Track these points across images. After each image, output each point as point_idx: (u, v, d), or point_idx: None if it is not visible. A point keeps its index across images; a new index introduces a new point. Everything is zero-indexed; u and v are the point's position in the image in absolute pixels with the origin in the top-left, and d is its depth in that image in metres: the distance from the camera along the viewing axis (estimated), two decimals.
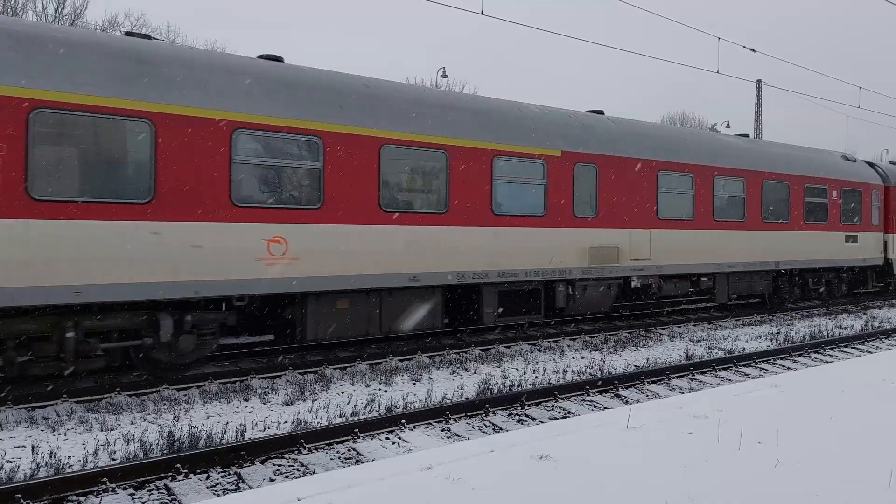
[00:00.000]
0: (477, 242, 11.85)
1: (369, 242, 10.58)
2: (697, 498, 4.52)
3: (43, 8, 38.56)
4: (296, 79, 10.40)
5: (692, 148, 16.06)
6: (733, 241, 16.48)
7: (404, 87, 13.37)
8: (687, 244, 15.43)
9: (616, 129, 14.61)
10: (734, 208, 16.63)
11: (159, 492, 6.11)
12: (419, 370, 10.86)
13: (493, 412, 8.69)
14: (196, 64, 9.50)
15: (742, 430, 5.89)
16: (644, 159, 14.58)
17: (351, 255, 10.37)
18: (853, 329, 16.50)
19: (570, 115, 14.20)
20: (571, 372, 11.11)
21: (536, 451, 5.44)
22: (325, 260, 10.13)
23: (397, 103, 11.31)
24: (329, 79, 10.88)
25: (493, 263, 12.08)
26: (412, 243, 11.09)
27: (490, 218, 12.05)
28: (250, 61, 10.35)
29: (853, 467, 5.14)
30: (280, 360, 11.09)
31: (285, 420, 8.20)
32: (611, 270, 13.91)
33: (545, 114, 13.55)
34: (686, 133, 19.91)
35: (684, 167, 15.42)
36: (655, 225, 14.79)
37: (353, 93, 10.84)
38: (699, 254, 15.67)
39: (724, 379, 11.10)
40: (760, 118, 41.67)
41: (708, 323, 16.80)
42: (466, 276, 11.73)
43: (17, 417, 7.92)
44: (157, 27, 41.69)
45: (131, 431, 7.55)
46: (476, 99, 14.13)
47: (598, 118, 14.78)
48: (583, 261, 13.43)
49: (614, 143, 14.21)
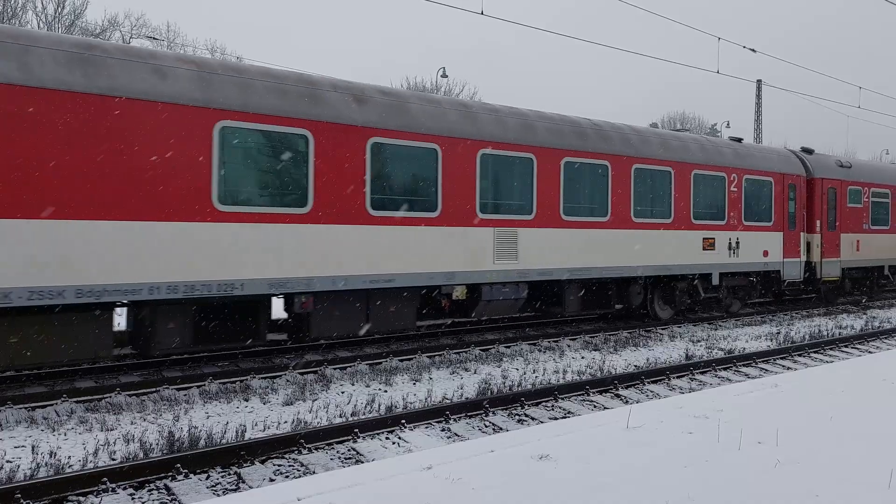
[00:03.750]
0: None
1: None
2: (697, 498, 4.52)
3: (43, 8, 38.56)
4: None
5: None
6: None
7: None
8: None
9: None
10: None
11: (159, 492, 6.11)
12: (419, 370, 10.86)
13: (493, 412, 8.69)
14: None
15: (742, 430, 5.89)
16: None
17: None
18: (853, 329, 16.50)
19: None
20: (571, 372, 11.11)
21: (536, 451, 5.44)
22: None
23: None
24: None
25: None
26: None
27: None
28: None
29: (853, 467, 5.14)
30: (280, 361, 11.10)
31: (285, 420, 8.20)
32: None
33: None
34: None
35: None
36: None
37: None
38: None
39: (724, 379, 11.09)
40: (760, 118, 41.67)
41: (708, 323, 16.80)
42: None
43: (17, 417, 7.92)
44: (157, 27, 41.71)
45: (131, 431, 7.54)
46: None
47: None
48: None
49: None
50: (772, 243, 17.57)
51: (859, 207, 20.58)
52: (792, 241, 18.18)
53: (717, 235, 16.16)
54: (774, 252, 17.65)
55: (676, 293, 15.98)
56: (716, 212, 16.24)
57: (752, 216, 17.06)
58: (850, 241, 20.11)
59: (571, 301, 13.85)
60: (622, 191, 14.26)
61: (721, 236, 16.27)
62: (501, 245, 12.32)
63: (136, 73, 8.81)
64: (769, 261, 17.54)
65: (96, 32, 38.08)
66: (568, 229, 13.31)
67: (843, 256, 19.93)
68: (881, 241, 21.50)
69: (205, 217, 9.17)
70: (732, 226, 16.57)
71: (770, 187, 17.52)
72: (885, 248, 21.68)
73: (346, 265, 10.47)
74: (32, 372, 9.96)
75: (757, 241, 17.13)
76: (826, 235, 19.33)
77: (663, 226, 15.08)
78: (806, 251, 18.76)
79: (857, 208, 20.53)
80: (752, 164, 17.17)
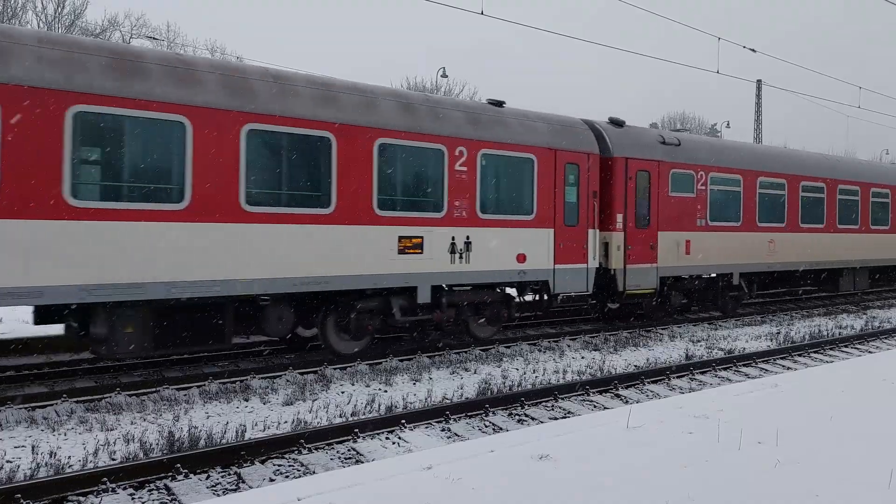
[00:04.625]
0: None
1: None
2: (697, 498, 4.52)
3: (42, 8, 38.58)
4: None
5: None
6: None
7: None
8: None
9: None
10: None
11: (159, 492, 6.11)
12: (419, 370, 10.86)
13: (493, 412, 8.69)
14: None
15: (742, 430, 5.89)
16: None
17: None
18: (853, 329, 16.50)
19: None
20: (571, 372, 11.11)
21: (536, 451, 5.44)
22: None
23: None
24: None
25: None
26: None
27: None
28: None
29: (853, 467, 5.14)
30: (280, 361, 11.09)
31: (285, 420, 8.20)
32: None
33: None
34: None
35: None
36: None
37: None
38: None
39: (724, 379, 11.10)
40: (760, 118, 41.69)
41: (708, 323, 16.79)
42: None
43: (17, 417, 7.92)
44: (157, 27, 41.73)
45: (131, 431, 7.54)
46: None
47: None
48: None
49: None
50: (534, 244, 12.86)
51: (690, 198, 15.59)
52: (572, 242, 13.43)
53: (428, 233, 11.45)
54: (538, 256, 12.92)
55: (352, 317, 11.03)
56: (426, 200, 11.50)
57: (496, 206, 12.37)
58: (674, 241, 15.26)
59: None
60: (348, 171, 10.43)
61: (435, 234, 11.52)
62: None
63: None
64: (528, 268, 12.73)
65: (96, 32, 38.09)
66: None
67: (663, 262, 15.03)
68: (728, 242, 16.46)
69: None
70: (457, 219, 11.84)
71: (532, 166, 12.72)
72: (732, 250, 16.53)
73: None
74: (32, 371, 9.97)
75: (506, 241, 12.50)
76: (633, 234, 14.56)
77: (312, 218, 10.20)
78: (603, 254, 14.21)
79: (687, 199, 15.55)
80: (497, 135, 12.24)
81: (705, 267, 16.10)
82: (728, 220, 16.50)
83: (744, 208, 16.85)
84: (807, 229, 18.54)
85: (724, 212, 16.37)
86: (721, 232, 16.31)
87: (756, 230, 17.12)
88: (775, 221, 17.65)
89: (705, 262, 15.99)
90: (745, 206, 16.88)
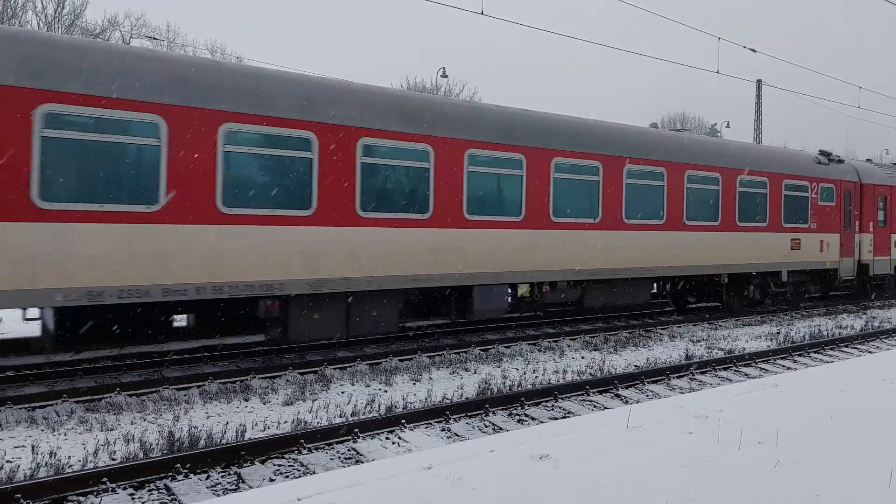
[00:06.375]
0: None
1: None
2: (697, 498, 4.52)
3: (42, 8, 38.57)
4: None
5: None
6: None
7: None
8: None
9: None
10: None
11: (159, 492, 6.11)
12: (419, 370, 10.86)
13: (493, 412, 8.69)
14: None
15: (742, 430, 5.89)
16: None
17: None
18: (853, 329, 16.50)
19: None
20: (571, 372, 11.11)
21: (536, 451, 5.44)
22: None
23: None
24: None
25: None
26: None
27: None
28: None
29: (853, 467, 5.14)
30: (280, 361, 11.09)
31: (285, 420, 8.20)
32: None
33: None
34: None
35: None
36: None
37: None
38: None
39: (724, 379, 11.09)
40: (760, 118, 41.69)
41: (708, 323, 16.79)
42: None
43: (17, 417, 7.92)
44: (157, 27, 41.74)
45: (131, 431, 7.54)
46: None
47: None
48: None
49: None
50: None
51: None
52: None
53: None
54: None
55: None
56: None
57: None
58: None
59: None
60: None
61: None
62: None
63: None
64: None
65: (96, 32, 38.09)
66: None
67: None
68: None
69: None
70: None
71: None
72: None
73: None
74: (32, 371, 9.97)
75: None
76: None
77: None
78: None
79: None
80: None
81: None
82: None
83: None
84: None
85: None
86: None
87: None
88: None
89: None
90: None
